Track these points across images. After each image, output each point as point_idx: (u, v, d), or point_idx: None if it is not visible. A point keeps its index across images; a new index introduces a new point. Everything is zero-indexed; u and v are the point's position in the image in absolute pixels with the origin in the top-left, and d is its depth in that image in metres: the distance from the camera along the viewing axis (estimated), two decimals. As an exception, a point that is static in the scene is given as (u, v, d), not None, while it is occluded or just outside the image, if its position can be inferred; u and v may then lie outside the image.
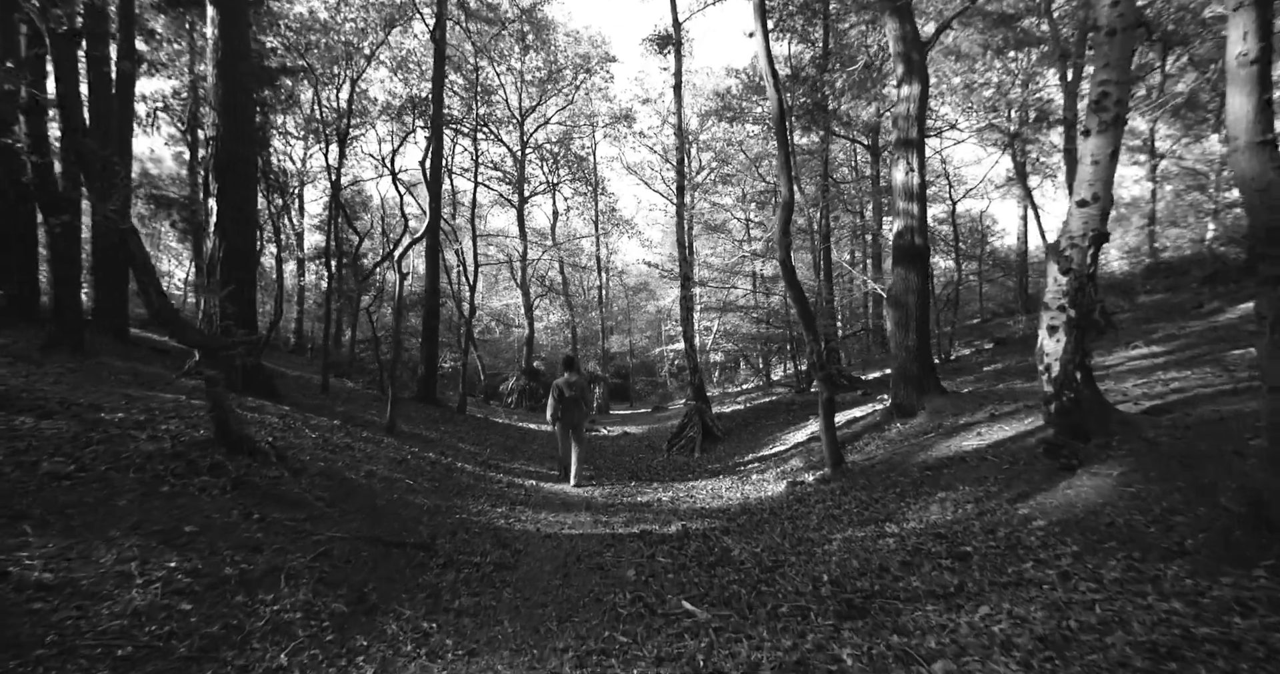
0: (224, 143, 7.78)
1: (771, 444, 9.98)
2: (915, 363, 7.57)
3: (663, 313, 32.66)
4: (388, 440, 8.26)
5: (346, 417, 9.15)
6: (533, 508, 6.71)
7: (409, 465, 7.09)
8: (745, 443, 10.98)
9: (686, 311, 12.68)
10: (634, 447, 12.90)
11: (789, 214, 6.42)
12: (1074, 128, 11.20)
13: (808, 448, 8.48)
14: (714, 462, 9.90)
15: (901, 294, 7.70)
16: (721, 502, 6.88)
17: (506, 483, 8.02)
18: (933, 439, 6.33)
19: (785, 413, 12.28)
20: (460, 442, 10.69)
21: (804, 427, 10.36)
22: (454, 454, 9.16)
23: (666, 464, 10.28)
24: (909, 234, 7.67)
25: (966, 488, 4.81)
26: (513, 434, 13.72)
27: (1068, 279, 4.76)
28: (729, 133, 21.80)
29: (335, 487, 5.07)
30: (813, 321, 6.58)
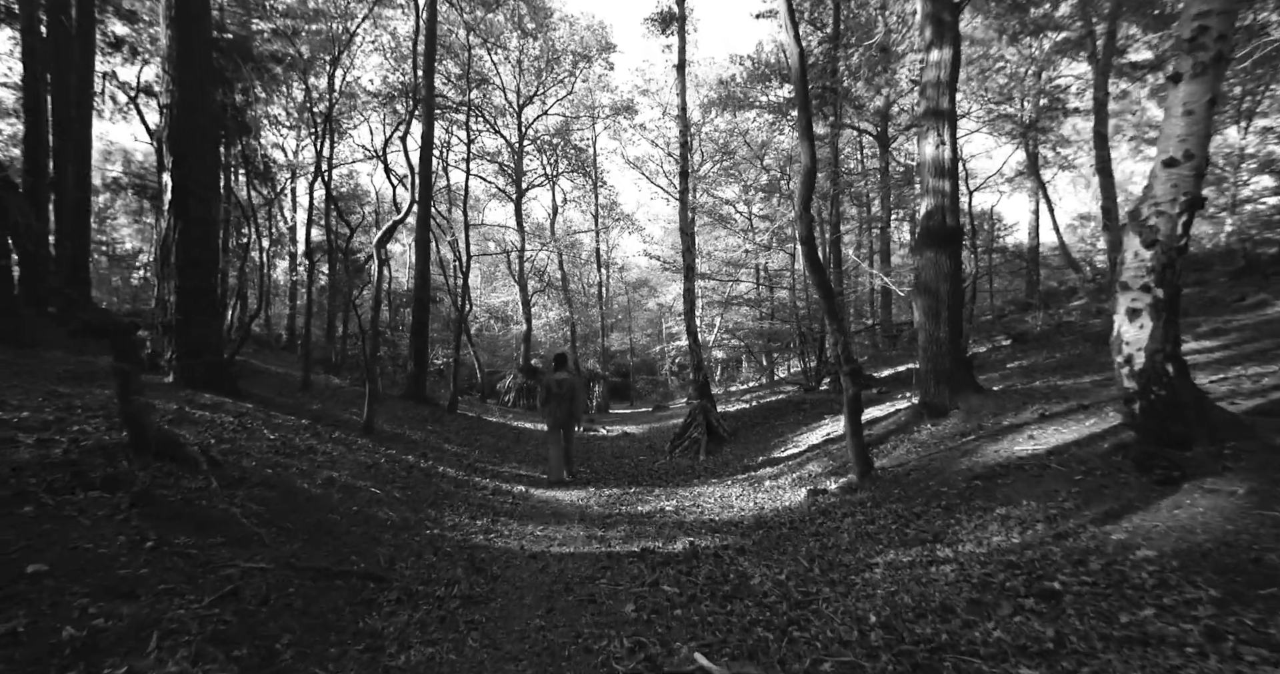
0: (179, 110, 6.95)
1: (783, 446, 9.15)
2: (947, 357, 6.73)
3: (664, 309, 31.83)
4: (362, 442, 7.43)
5: (320, 415, 8.32)
6: (519, 520, 5.88)
7: (380, 470, 6.26)
8: (754, 444, 10.14)
9: (690, 304, 11.86)
10: (634, 448, 12.08)
11: (811, 185, 5.59)
12: (1104, 108, 10.38)
13: (825, 451, 7.64)
14: (721, 465, 9.07)
15: (931, 281, 6.86)
16: (732, 513, 6.05)
17: (492, 489, 7.18)
18: (975, 443, 5.50)
19: (795, 412, 11.44)
20: (446, 443, 9.86)
21: (818, 427, 9.53)
22: (437, 456, 8.33)
23: (669, 467, 9.45)
24: (939, 214, 6.84)
25: (1032, 503, 3.98)
26: (506, 434, 12.89)
27: (1153, 253, 3.93)
28: (732, 123, 20.98)
29: (278, 499, 4.23)
30: (836, 312, 5.75)
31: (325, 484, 5.00)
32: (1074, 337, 11.90)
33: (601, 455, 11.21)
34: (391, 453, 7.42)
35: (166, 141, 6.94)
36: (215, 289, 7.41)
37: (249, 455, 5.00)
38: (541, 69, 20.53)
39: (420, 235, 13.57)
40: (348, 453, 6.50)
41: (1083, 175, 23.90)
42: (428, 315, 13.83)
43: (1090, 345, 10.32)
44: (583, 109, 23.00)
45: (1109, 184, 10.23)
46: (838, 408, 10.66)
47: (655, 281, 33.23)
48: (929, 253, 6.93)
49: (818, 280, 5.68)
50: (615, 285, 32.10)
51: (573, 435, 8.08)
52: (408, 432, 9.65)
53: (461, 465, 8.28)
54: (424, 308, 13.55)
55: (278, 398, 9.10)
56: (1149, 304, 3.91)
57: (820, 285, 5.68)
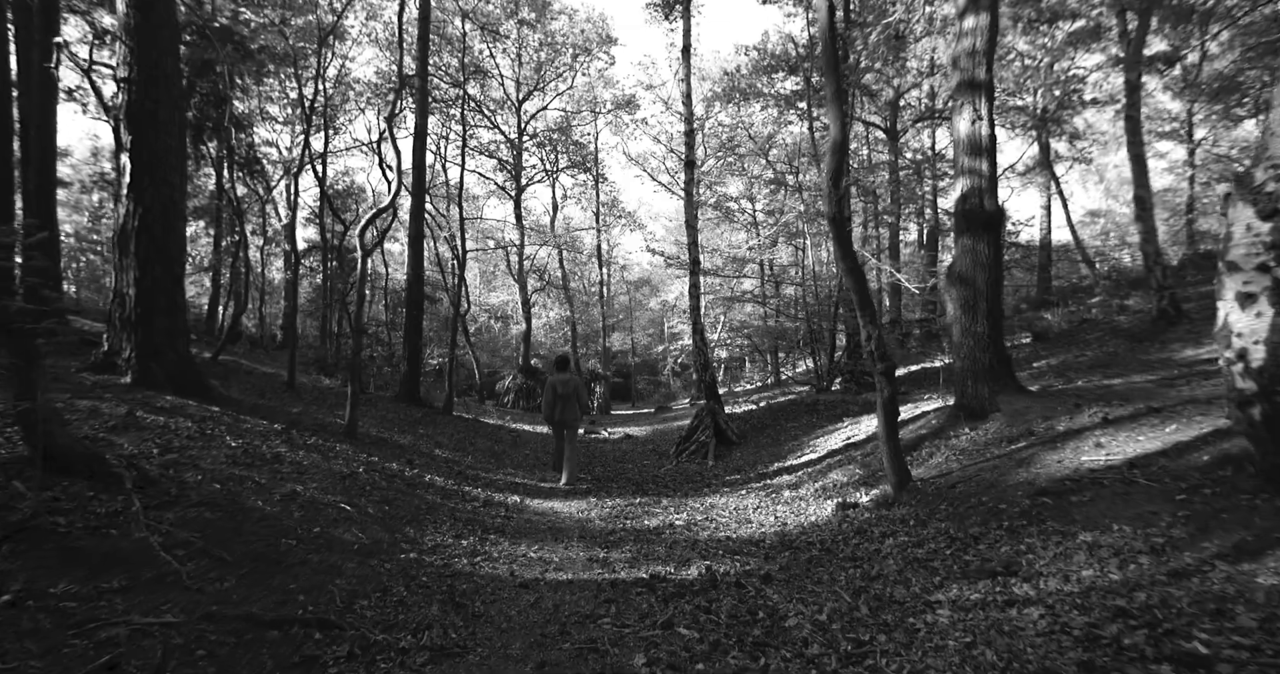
0: (139, 85, 6.25)
1: (799, 451, 8.43)
2: (987, 354, 6.01)
3: (666, 308, 31.11)
4: (341, 448, 6.71)
5: (299, 418, 7.61)
6: (511, 537, 5.17)
7: (356, 482, 5.54)
8: (766, 449, 9.42)
9: (696, 300, 11.15)
10: (637, 452, 11.36)
11: (843, 158, 4.88)
12: (1137, 91, 9.66)
13: (848, 457, 6.92)
14: (732, 471, 8.35)
15: (968, 270, 6.15)
16: (751, 529, 5.33)
17: (483, 500, 6.47)
18: (1029, 451, 4.78)
19: (809, 414, 10.72)
20: (438, 447, 9.14)
21: (836, 430, 8.81)
22: (425, 463, 7.62)
23: (676, 474, 8.73)
24: (976, 196, 6.12)
25: (1125, 528, 3.26)
26: (503, 437, 12.17)
27: (1272, 225, 3.21)
28: (736, 117, 20.27)
29: (220, 522, 3.52)
30: (869, 300, 5.03)
31: (284, 500, 4.28)
32: (1100, 334, 11.18)
33: (604, 460, 10.50)
34: (374, 460, 6.70)
35: (124, 119, 6.24)
36: (180, 281, 6.70)
37: (198, 467, 4.29)
38: (541, 62, 19.83)
39: (414, 230, 12.86)
40: (321, 461, 5.79)
41: (1095, 170, 23.15)
42: (422, 313, 13.12)
43: (1124, 343, 9.60)
44: (583, 103, 22.30)
45: (1141, 171, 9.51)
46: (854, 410, 9.95)
47: (657, 280, 32.53)
48: (965, 240, 6.21)
49: (848, 266, 4.96)
50: (616, 285, 31.37)
51: (575, 436, 7.92)
52: (396, 436, 8.93)
53: (452, 473, 7.56)
54: (418, 306, 12.84)
55: (256, 400, 8.39)
56: (1268, 287, 3.19)
57: (851, 271, 4.97)
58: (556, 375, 7.71)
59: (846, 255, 5.00)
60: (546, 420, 7.77)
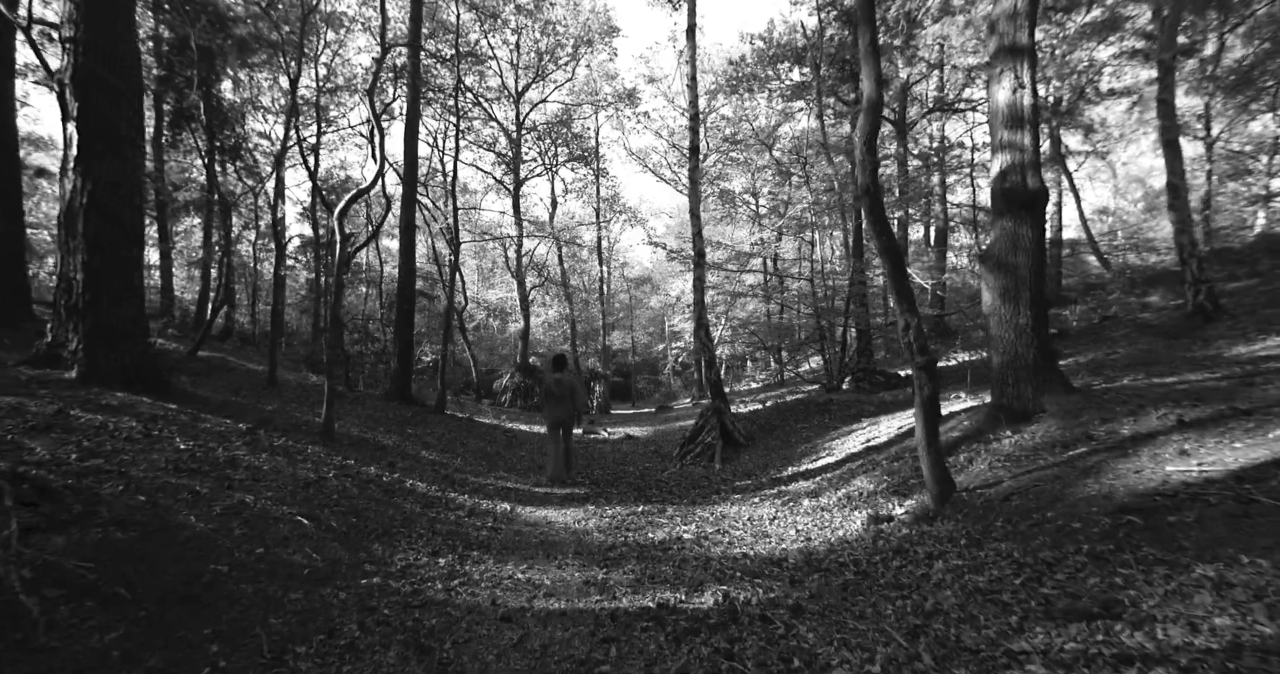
0: (87, 46, 5.56)
1: (814, 454, 7.74)
2: (1030, 348, 5.33)
3: (666, 307, 30.42)
4: (312, 451, 6.02)
5: (270, 418, 6.92)
6: (497, 554, 4.48)
7: (322, 489, 4.85)
8: (776, 451, 8.73)
9: (700, 294, 10.46)
10: (639, 453, 10.67)
11: (877, 121, 4.19)
12: (1171, 73, 8.98)
13: (872, 462, 6.23)
14: (742, 476, 7.66)
15: (1007, 254, 5.47)
16: (770, 544, 4.65)
17: (469, 509, 5.78)
18: (1094, 459, 4.10)
19: (820, 414, 10.03)
20: (425, 449, 8.45)
21: (853, 432, 8.12)
22: (408, 467, 6.93)
23: (680, 478, 8.05)
24: (1017, 173, 5.44)
25: (1260, 561, 2.58)
26: (498, 438, 11.48)
27: None
28: (740, 111, 19.59)
29: (132, 546, 2.84)
30: (907, 285, 4.35)
31: (227, 514, 3.59)
32: (1127, 331, 10.51)
33: (603, 462, 9.81)
34: (348, 463, 6.01)
35: (71, 84, 5.55)
36: (137, 265, 6.01)
37: (125, 476, 3.60)
38: (541, 51, 19.15)
39: (405, 220, 12.18)
40: (285, 466, 5.09)
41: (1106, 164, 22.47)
42: (414, 307, 12.44)
43: (1158, 340, 8.92)
44: (584, 96, 21.61)
45: (1175, 157, 8.84)
46: (870, 410, 9.28)
47: (658, 278, 31.86)
48: (1005, 222, 5.53)
49: (884, 245, 4.28)
50: (616, 282, 30.67)
51: (571, 436, 7.89)
52: (380, 436, 8.24)
53: (437, 477, 6.87)
54: (409, 299, 12.16)
55: (228, 398, 7.71)
56: None
57: (887, 252, 4.29)
58: (553, 375, 7.66)
59: (882, 233, 4.32)
60: (544, 419, 7.75)
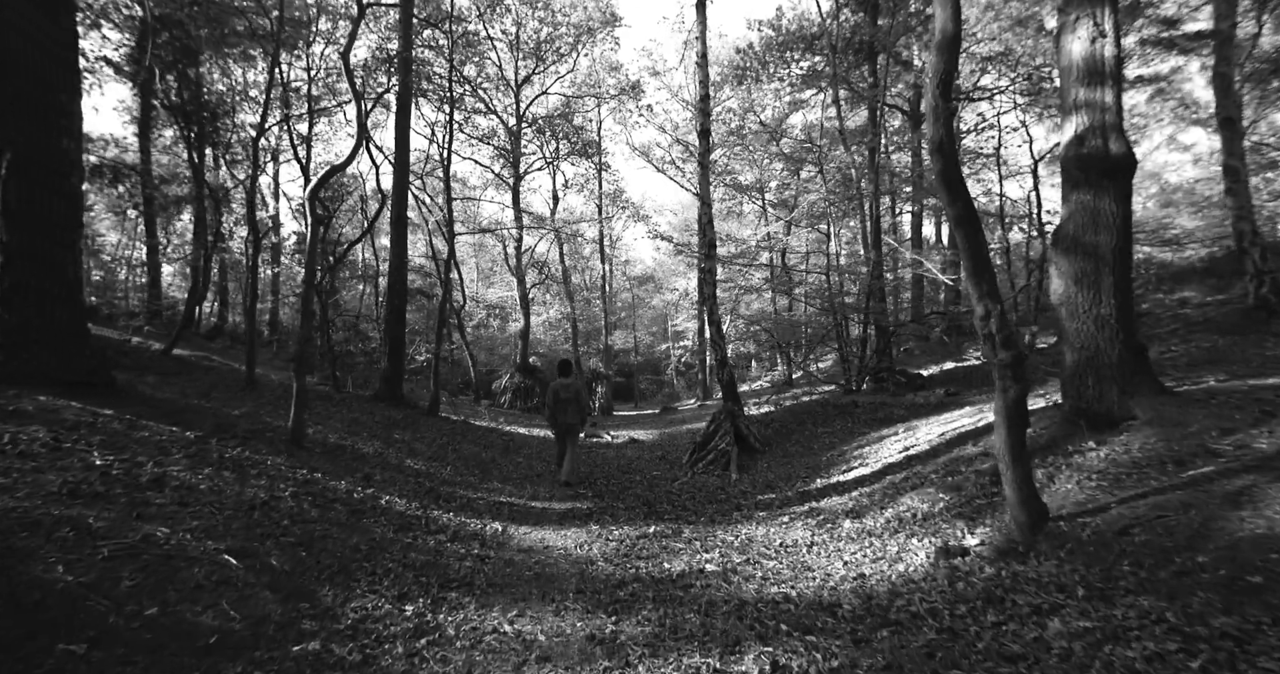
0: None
1: (844, 464, 6.84)
2: (1115, 342, 4.44)
3: (669, 306, 29.53)
4: (274, 463, 5.13)
5: (233, 423, 6.05)
6: (480, 595, 3.60)
7: (271, 513, 3.96)
8: (797, 459, 7.85)
9: (711, 289, 9.58)
10: (645, 459, 9.79)
11: (952, 61, 3.32)
12: (1229, 43, 8.10)
13: (919, 475, 5.33)
14: (763, 487, 6.76)
15: (1084, 232, 4.58)
16: (814, 580, 3.76)
17: (453, 532, 4.89)
18: (1232, 481, 3.21)
19: (842, 418, 9.14)
20: (412, 456, 7.57)
21: (886, 439, 7.23)
22: (388, 479, 6.05)
23: (693, 489, 7.16)
24: (1097, 136, 4.56)
25: None
26: (494, 442, 10.60)
27: None
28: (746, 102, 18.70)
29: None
30: (986, 262, 3.47)
31: (117, 559, 2.71)
32: (1177, 327, 9.62)
33: (607, 469, 8.94)
34: (315, 477, 5.13)
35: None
36: (73, 251, 5.16)
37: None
38: (541, 41, 18.29)
39: (397, 212, 11.31)
40: (231, 484, 4.21)
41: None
42: (405, 303, 11.57)
43: (1220, 336, 8.03)
44: (586, 88, 20.74)
45: (1233, 137, 7.99)
46: (900, 413, 8.38)
47: (661, 277, 30.96)
48: (1081, 195, 4.64)
49: (958, 214, 3.39)
50: (619, 281, 29.78)
51: (577, 441, 7.77)
52: (361, 443, 7.36)
53: (420, 491, 5.98)
54: (401, 295, 11.29)
55: (193, 401, 6.84)
56: None
57: (962, 221, 3.40)
58: (559, 380, 7.54)
59: (957, 199, 3.43)
60: (549, 424, 7.65)
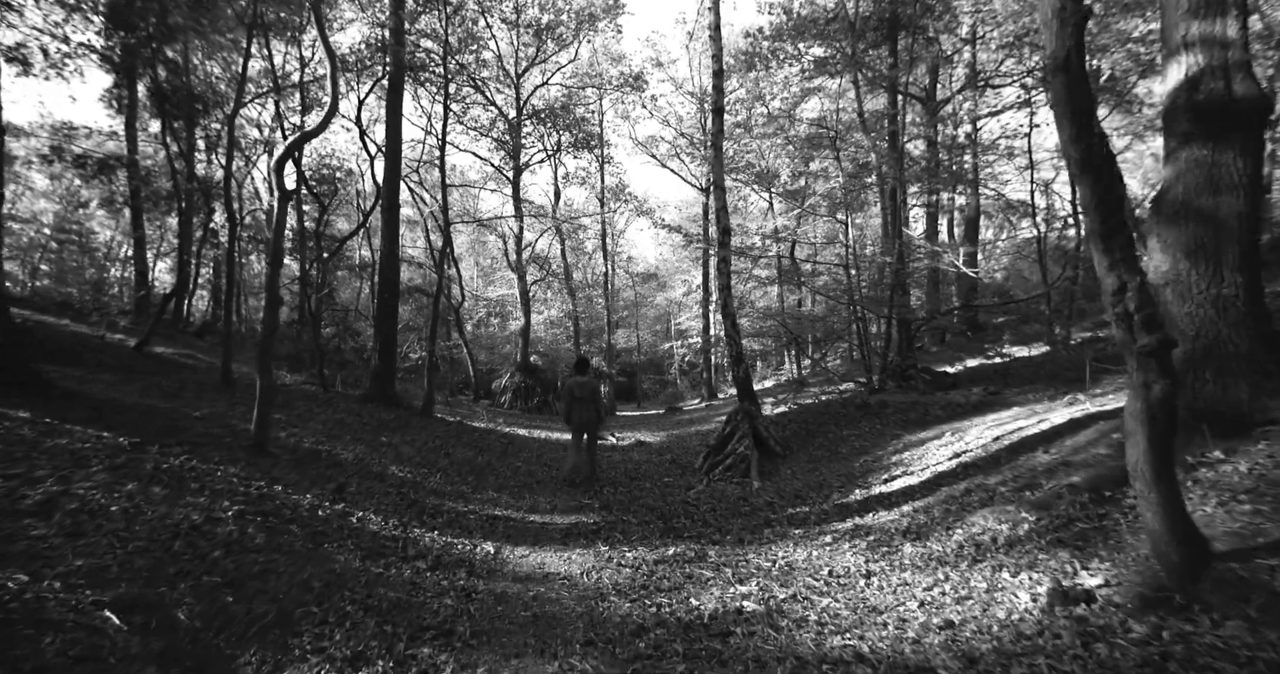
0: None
1: (883, 471, 5.98)
2: (1240, 329, 3.59)
3: (672, 304, 28.66)
4: (223, 473, 4.28)
5: (189, 426, 5.20)
6: (460, 651, 2.75)
7: (197, 543, 3.11)
8: (825, 465, 6.99)
9: (726, 279, 8.72)
10: (654, 463, 8.94)
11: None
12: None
13: (984, 488, 4.47)
14: (791, 498, 5.90)
15: (1199, 194, 3.73)
16: (887, 628, 2.90)
17: (436, 557, 4.03)
18: None
19: (869, 419, 8.29)
20: (398, 462, 6.72)
21: (929, 442, 6.36)
22: (365, 491, 5.19)
23: (711, 498, 6.31)
24: (1217, 77, 3.71)
25: None
26: (491, 444, 9.75)
27: None
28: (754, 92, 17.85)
29: None
30: (1121, 225, 2.61)
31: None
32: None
33: (614, 474, 8.10)
34: (273, 492, 4.28)
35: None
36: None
37: None
38: (542, 28, 17.44)
39: (389, 200, 10.47)
40: (156, 505, 3.35)
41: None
42: (397, 297, 10.71)
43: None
44: (589, 79, 19.88)
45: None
46: (938, 414, 7.51)
47: (665, 274, 30.09)
48: (1195, 149, 3.79)
49: (1083, 156, 2.54)
50: (622, 278, 28.90)
51: (595, 440, 7.57)
52: (341, 448, 6.50)
53: (402, 505, 5.13)
54: (393, 288, 10.44)
55: (147, 402, 6.00)
56: None
57: (1089, 166, 2.55)
58: (574, 378, 7.34)
59: (1083, 134, 2.58)
60: (565, 421, 7.44)
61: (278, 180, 5.11)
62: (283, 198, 5.09)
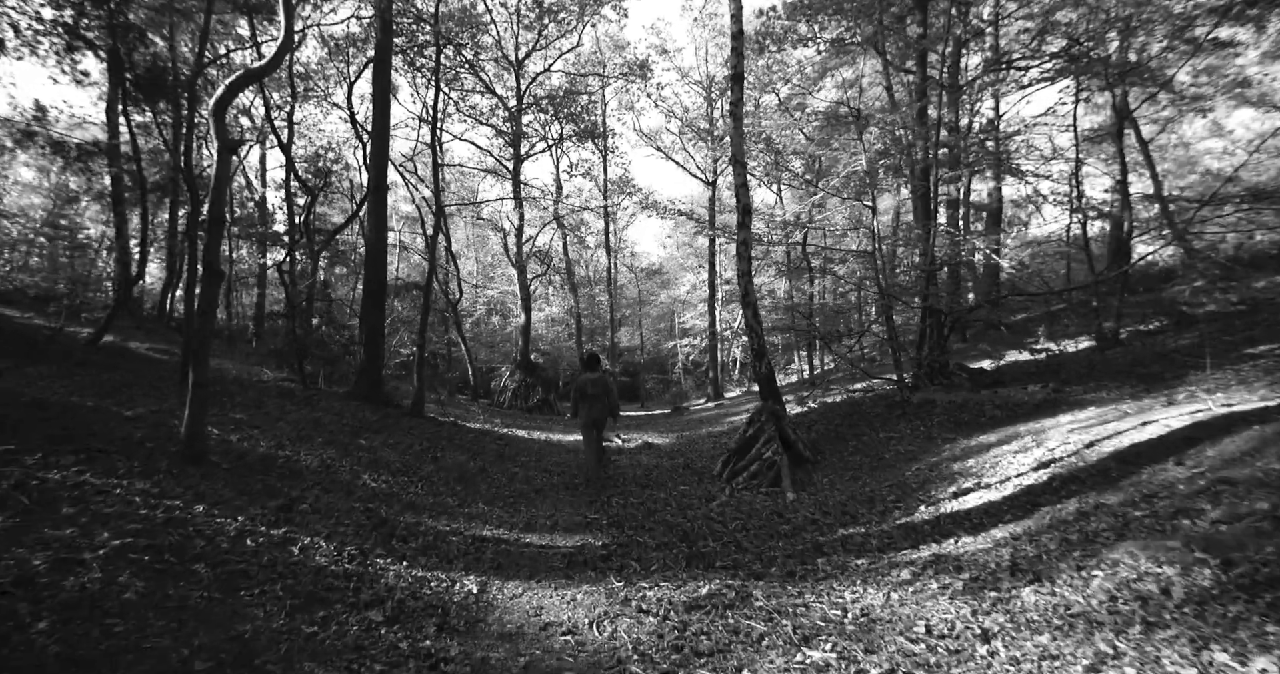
0: None
1: (947, 481, 4.93)
2: None
3: (675, 302, 27.60)
4: (129, 489, 3.24)
5: (109, 429, 4.17)
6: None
7: (22, 599, 2.06)
8: (869, 474, 5.94)
9: (746, 264, 7.68)
10: (666, 469, 7.90)
11: None
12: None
13: (1113, 510, 3.42)
14: (838, 514, 4.85)
15: None
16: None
17: (397, 603, 2.99)
18: None
19: (909, 420, 7.24)
20: (373, 470, 5.68)
21: (999, 447, 5.30)
22: (324, 508, 4.15)
23: (738, 512, 5.27)
24: None
25: None
26: (486, 448, 8.71)
27: None
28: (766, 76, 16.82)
29: None
30: None
31: None
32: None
33: (623, 482, 7.06)
34: (191, 513, 3.24)
35: None
36: None
37: None
38: (544, 10, 16.42)
39: (375, 180, 9.43)
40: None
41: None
42: (384, 287, 9.66)
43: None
44: (592, 66, 18.87)
45: None
46: (996, 415, 6.45)
47: (669, 271, 29.03)
48: None
49: None
50: (625, 275, 27.83)
51: (604, 437, 7.54)
52: (303, 454, 5.46)
53: (369, 524, 4.09)
54: (379, 277, 9.40)
55: (72, 399, 4.97)
56: None
57: None
58: (585, 374, 7.01)
59: None
60: (571, 416, 7.35)
61: (218, 127, 4.09)
62: (224, 148, 4.07)
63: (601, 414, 6.78)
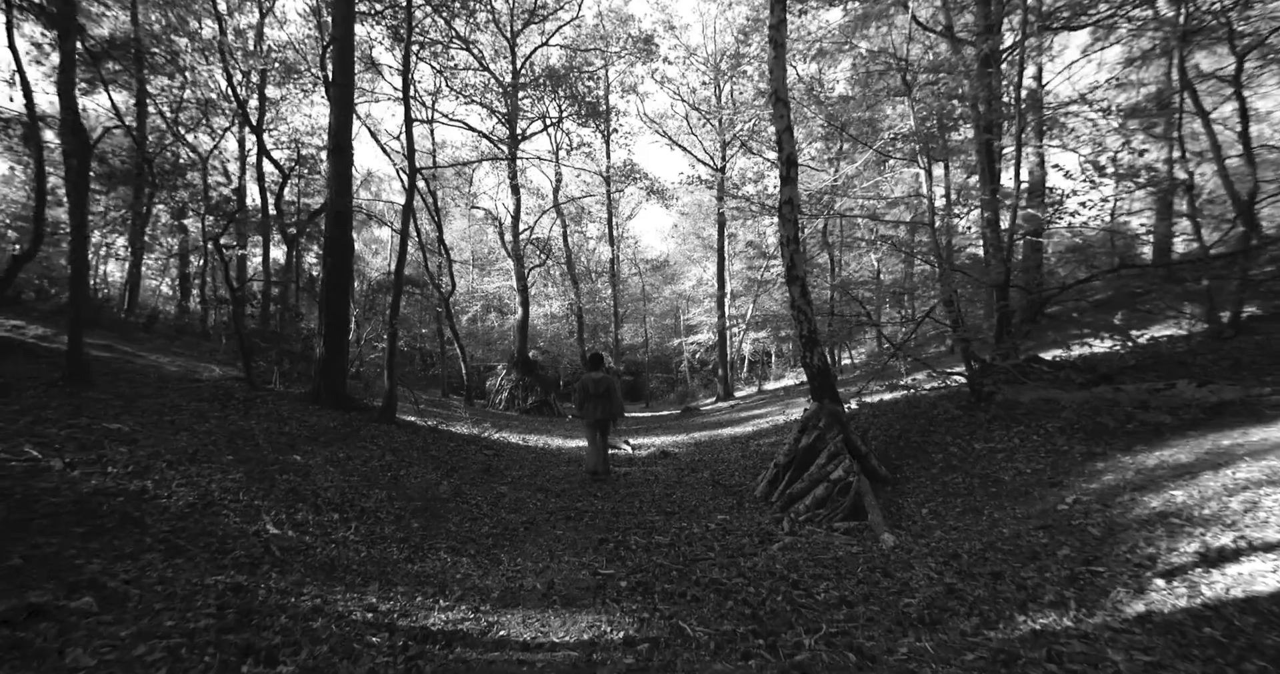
0: None
1: (1153, 531, 3.11)
2: None
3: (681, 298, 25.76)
4: None
5: None
6: None
7: None
8: (991, 502, 4.13)
9: (793, 229, 5.89)
10: (690, 486, 6.09)
11: None
12: None
13: None
14: (985, 578, 3.03)
15: None
16: None
17: None
18: None
19: (1002, 424, 5.39)
20: (287, 504, 3.85)
21: (1226, 471, 3.47)
22: (150, 587, 2.32)
23: (814, 565, 3.47)
24: None
25: None
26: (469, 460, 6.88)
27: None
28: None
29: None
30: None
31: None
32: None
33: (637, 505, 5.27)
34: None
35: None
36: None
37: None
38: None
39: (337, 140, 7.62)
40: None
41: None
42: (348, 269, 7.81)
43: None
44: (594, 40, 17.07)
45: None
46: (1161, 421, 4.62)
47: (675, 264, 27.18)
48: None
49: None
50: (627, 268, 25.97)
51: (608, 436, 7.03)
52: (176, 484, 3.63)
53: (214, 627, 2.26)
54: (341, 256, 7.57)
55: None
56: None
57: None
58: (589, 374, 6.69)
59: None
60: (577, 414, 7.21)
61: None
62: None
63: (605, 414, 6.60)
